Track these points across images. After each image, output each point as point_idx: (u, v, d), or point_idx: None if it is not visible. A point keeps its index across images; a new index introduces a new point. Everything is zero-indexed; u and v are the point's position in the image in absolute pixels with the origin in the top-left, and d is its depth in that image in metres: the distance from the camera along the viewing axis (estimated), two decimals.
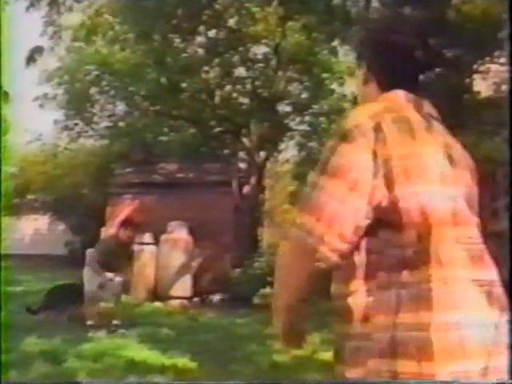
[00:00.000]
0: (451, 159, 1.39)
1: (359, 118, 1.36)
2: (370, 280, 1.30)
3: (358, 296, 1.30)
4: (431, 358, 1.22)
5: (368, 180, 1.29)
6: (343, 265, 1.33)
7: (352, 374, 1.30)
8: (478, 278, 1.31)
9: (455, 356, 1.22)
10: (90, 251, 7.14)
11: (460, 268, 1.29)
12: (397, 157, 1.30)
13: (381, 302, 1.28)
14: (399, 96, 1.45)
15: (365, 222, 1.29)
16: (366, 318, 1.28)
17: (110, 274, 6.81)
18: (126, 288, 8.97)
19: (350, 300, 1.31)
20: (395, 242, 1.30)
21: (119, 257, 6.96)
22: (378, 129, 1.31)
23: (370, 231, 1.31)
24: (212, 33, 13.87)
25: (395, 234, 1.30)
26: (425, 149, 1.34)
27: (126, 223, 7.24)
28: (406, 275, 1.27)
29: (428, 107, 1.48)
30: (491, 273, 1.36)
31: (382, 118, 1.34)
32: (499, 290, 1.35)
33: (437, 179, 1.33)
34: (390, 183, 1.29)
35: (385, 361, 1.25)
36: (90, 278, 6.83)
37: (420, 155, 1.32)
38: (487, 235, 1.47)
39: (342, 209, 1.28)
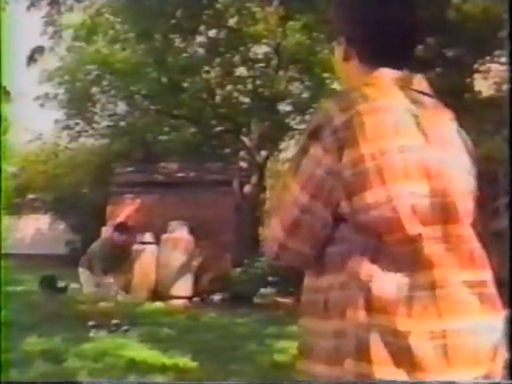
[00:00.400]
0: (444, 144, 1.26)
1: (331, 111, 1.22)
2: (342, 272, 1.19)
3: (333, 290, 1.22)
4: (413, 367, 1.13)
5: (330, 185, 1.21)
6: (316, 257, 1.27)
7: (327, 372, 1.21)
8: (468, 279, 1.20)
9: (437, 366, 1.13)
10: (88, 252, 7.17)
11: (449, 270, 1.18)
12: (369, 155, 1.17)
13: (353, 297, 1.17)
14: (384, 76, 1.29)
15: (326, 230, 1.24)
16: (340, 314, 1.18)
17: (105, 276, 6.81)
18: (124, 288, 8.98)
19: (328, 294, 1.22)
20: (372, 238, 1.19)
21: (114, 259, 6.96)
22: (349, 125, 1.18)
23: (346, 222, 1.22)
24: (212, 32, 13.89)
25: (372, 234, 1.19)
26: (409, 140, 1.20)
27: (121, 226, 7.25)
28: (381, 268, 1.16)
29: (419, 83, 1.32)
30: (483, 273, 1.24)
31: (355, 111, 1.19)
32: (492, 291, 1.25)
33: (420, 174, 1.19)
34: (361, 187, 1.18)
35: (360, 363, 1.15)
36: (86, 279, 6.84)
37: (401, 149, 1.18)
38: (488, 234, 1.43)
39: (303, 217, 1.24)
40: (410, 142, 1.20)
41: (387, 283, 1.16)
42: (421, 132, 1.22)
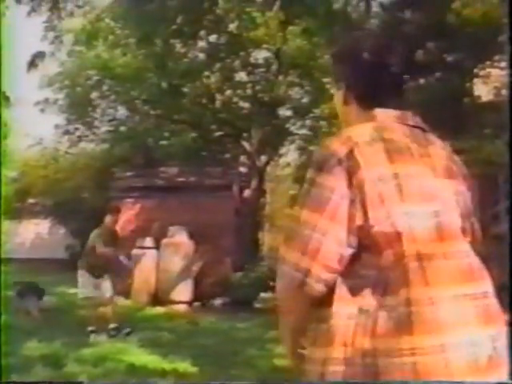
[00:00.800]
0: (436, 171, 1.37)
1: (333, 145, 1.35)
2: (350, 302, 1.29)
3: (339, 319, 1.29)
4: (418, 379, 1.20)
5: (345, 208, 1.29)
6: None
7: None
8: (469, 292, 1.28)
9: (441, 377, 1.21)
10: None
11: (449, 285, 1.27)
12: (370, 180, 1.29)
13: (361, 326, 1.26)
14: (378, 115, 1.44)
15: (348, 251, 1.30)
16: (345, 342, 1.27)
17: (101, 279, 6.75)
18: (124, 293, 8.96)
19: (332, 322, 1.30)
20: (375, 265, 1.29)
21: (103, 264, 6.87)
22: (350, 155, 1.31)
23: (368, 251, 1.31)
24: (213, 37, 13.91)
25: (375, 256, 1.29)
26: (403, 168, 1.32)
27: (113, 208, 7.29)
28: (386, 298, 1.26)
29: (412, 119, 1.46)
30: (484, 285, 1.33)
31: (354, 144, 1.33)
32: (493, 301, 1.33)
33: (416, 197, 1.31)
34: (364, 208, 1.29)
35: None
36: (84, 282, 6.77)
37: (397, 175, 1.31)
38: (488, 238, 1.45)
39: (325, 240, 1.29)
40: (404, 170, 1.33)
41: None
42: (415, 161, 1.36)
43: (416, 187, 1.32)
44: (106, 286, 6.80)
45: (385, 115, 1.44)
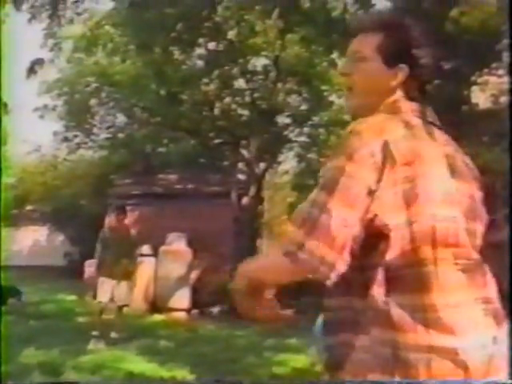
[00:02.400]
0: (454, 172, 1.36)
1: (366, 136, 1.29)
2: (365, 298, 1.29)
3: (360, 310, 1.30)
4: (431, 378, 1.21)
5: (368, 203, 1.25)
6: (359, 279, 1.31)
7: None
8: (476, 297, 1.30)
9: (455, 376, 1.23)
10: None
11: (459, 290, 1.28)
12: (402, 180, 1.26)
13: (374, 319, 1.28)
14: (403, 106, 1.42)
15: (358, 243, 1.25)
16: (365, 331, 1.28)
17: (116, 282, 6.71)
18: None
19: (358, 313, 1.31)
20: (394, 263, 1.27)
21: (118, 245, 6.79)
22: (385, 149, 1.27)
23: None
24: (212, 45, 13.93)
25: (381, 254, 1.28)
26: (431, 168, 1.31)
27: (119, 207, 7.28)
28: (406, 297, 1.26)
29: (431, 115, 1.44)
30: (489, 290, 1.35)
31: (389, 136, 1.29)
32: (497, 306, 1.34)
33: (440, 200, 1.30)
34: (391, 207, 1.26)
35: (385, 376, 1.24)
36: (103, 287, 6.70)
37: (425, 176, 1.29)
38: (487, 246, 1.46)
39: (345, 231, 1.24)
40: (432, 170, 1.31)
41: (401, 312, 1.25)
42: (438, 162, 1.34)
43: (442, 190, 1.31)
44: (123, 290, 6.73)
45: (408, 107, 1.41)
